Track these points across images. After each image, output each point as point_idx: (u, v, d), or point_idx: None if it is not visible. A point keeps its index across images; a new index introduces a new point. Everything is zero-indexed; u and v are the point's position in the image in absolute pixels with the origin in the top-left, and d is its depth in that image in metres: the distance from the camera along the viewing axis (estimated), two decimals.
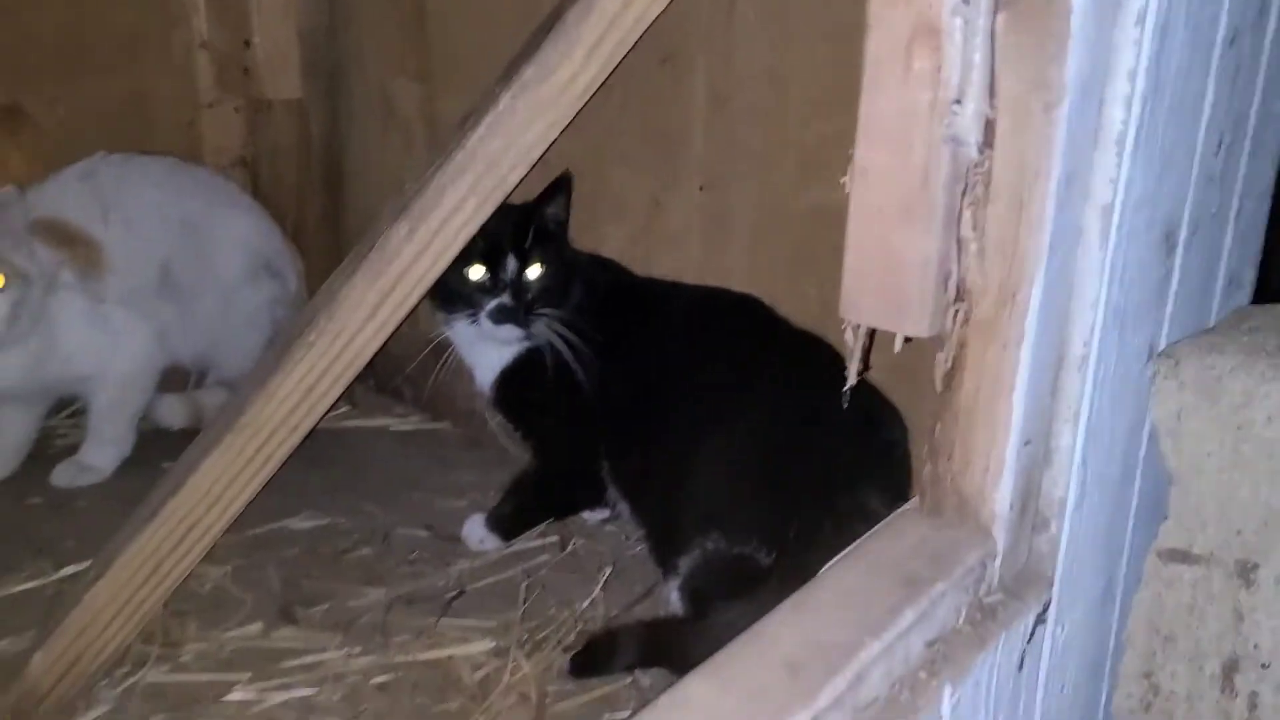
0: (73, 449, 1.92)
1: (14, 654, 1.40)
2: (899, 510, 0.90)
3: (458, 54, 1.93)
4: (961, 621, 0.81)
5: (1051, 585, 0.89)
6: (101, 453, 1.89)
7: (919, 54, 0.78)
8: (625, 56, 1.69)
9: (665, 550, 1.44)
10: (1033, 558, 0.89)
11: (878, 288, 0.85)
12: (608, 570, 1.58)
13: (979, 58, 0.73)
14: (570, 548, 1.69)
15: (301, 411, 1.25)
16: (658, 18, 1.23)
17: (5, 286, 1.63)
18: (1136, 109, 0.79)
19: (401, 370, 2.07)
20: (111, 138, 1.97)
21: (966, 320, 0.82)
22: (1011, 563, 0.87)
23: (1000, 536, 0.84)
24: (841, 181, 0.86)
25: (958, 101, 0.74)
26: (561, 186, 1.61)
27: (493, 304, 1.54)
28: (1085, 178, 0.80)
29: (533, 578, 1.62)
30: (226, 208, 2.03)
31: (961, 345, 0.83)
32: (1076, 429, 0.86)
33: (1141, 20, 0.77)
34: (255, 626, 1.49)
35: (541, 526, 1.73)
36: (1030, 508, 0.87)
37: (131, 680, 1.37)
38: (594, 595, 1.53)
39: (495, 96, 1.21)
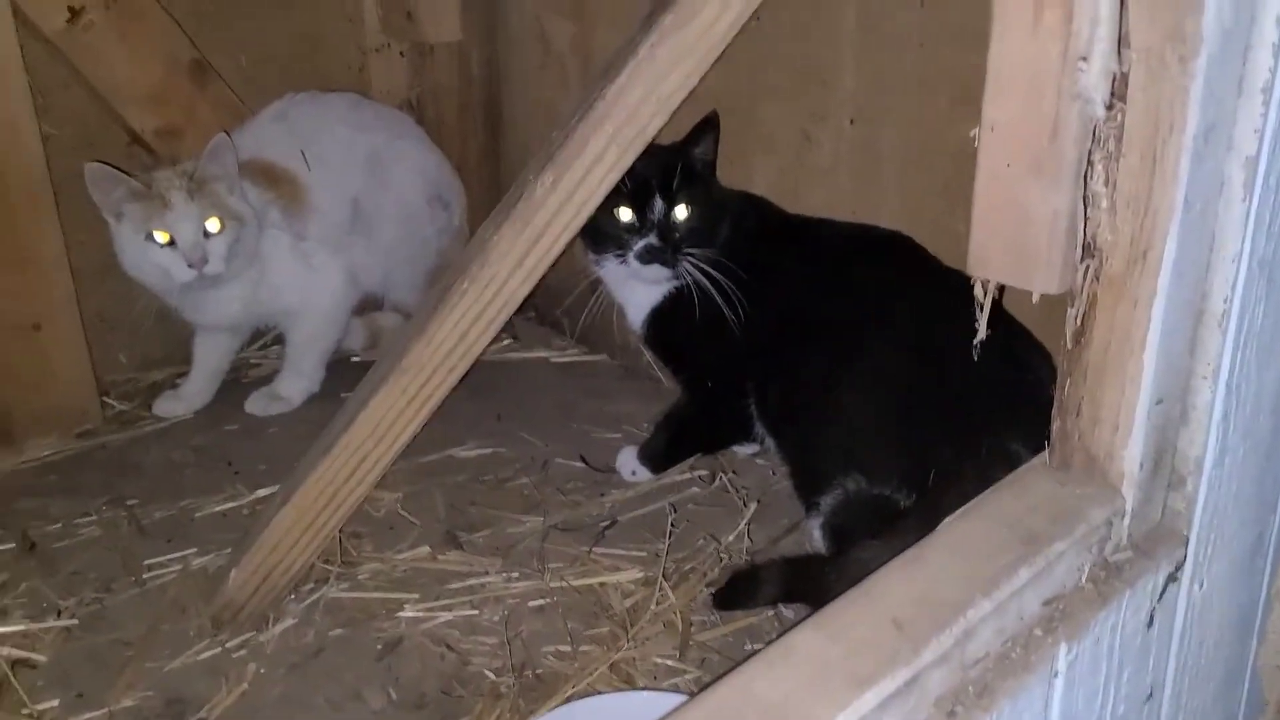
0: (265, 379, 2.07)
1: (214, 568, 1.55)
2: (1027, 464, 0.89)
3: None
4: (1084, 580, 0.81)
5: (1187, 543, 0.87)
6: (293, 385, 2.03)
7: (1049, 6, 0.76)
8: None
9: (808, 488, 1.47)
10: (1167, 515, 0.88)
11: (1006, 243, 0.84)
12: (754, 506, 1.62)
13: (1105, 11, 0.70)
14: (719, 481, 1.74)
15: (457, 354, 1.32)
16: None
17: (223, 229, 1.76)
18: None
19: (561, 304, 2.14)
20: (287, 83, 2.07)
21: (1096, 277, 0.80)
22: (1142, 521, 0.85)
23: (1129, 495, 0.83)
24: (971, 134, 0.85)
25: (1084, 59, 0.72)
26: (709, 127, 1.62)
27: (640, 244, 1.57)
28: (1228, 128, 0.77)
29: (681, 510, 1.67)
30: (405, 140, 2.10)
31: (1091, 302, 0.81)
32: (1216, 386, 0.84)
33: None
34: (424, 549, 1.60)
35: (692, 460, 1.78)
36: (1164, 466, 0.86)
37: (315, 596, 1.50)
38: (739, 529, 1.57)
39: (635, 45, 1.23)
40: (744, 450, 1.80)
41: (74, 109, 1.88)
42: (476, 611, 1.48)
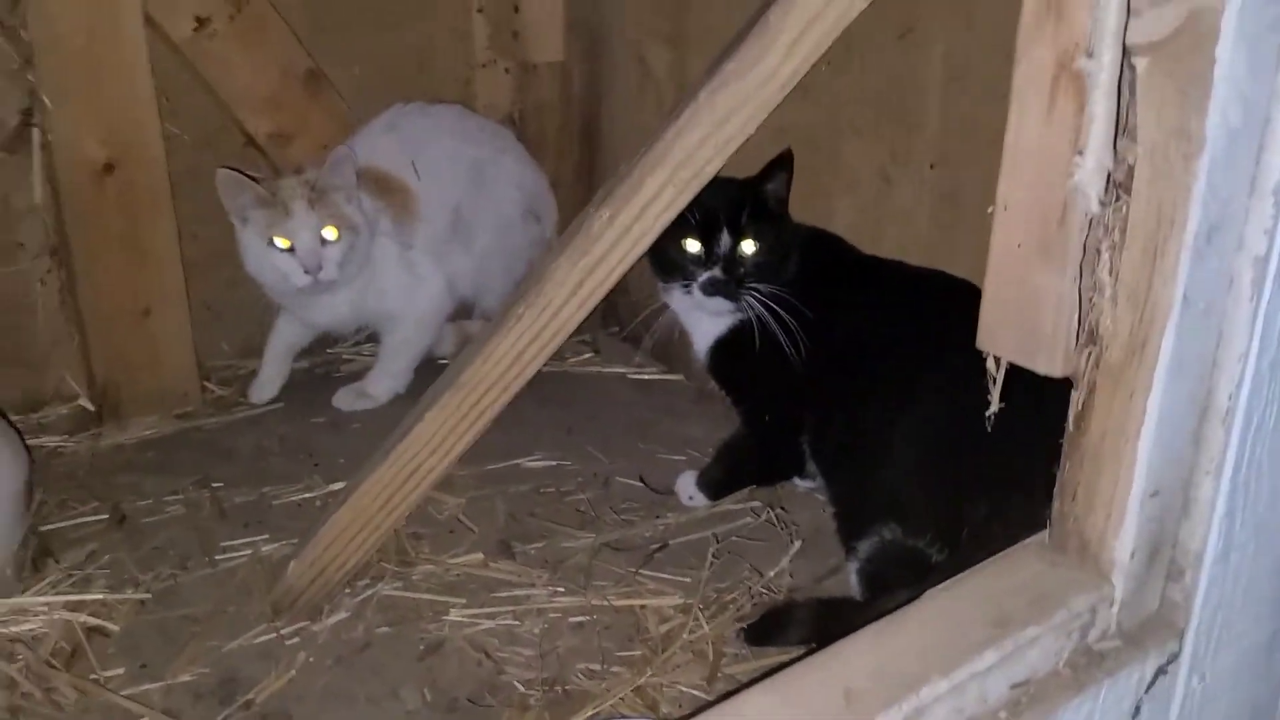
0: (356, 376, 2.17)
1: (281, 556, 1.64)
2: (1025, 541, 0.90)
3: (708, 20, 1.97)
4: (1061, 665, 0.81)
5: (1183, 635, 0.86)
6: (382, 384, 2.11)
7: (1063, 93, 0.76)
8: (865, 28, 1.70)
9: (848, 531, 1.48)
10: (1165, 607, 0.87)
11: (1015, 322, 0.85)
12: (798, 544, 1.63)
13: (1100, 109, 0.71)
14: (773, 514, 1.75)
15: (512, 374, 1.37)
16: None
17: (339, 237, 1.84)
18: None
19: (644, 321, 2.18)
20: (397, 94, 2.16)
21: (1097, 364, 0.80)
22: (1135, 610, 0.85)
23: (1119, 583, 0.83)
24: (989, 211, 0.86)
25: (1080, 153, 0.72)
26: (782, 164, 1.63)
27: (705, 276, 1.60)
28: (1237, 227, 0.76)
29: (728, 540, 1.69)
30: (506, 154, 2.18)
31: (1091, 389, 0.81)
32: (1219, 482, 0.83)
33: None
34: (478, 555, 1.66)
35: (749, 490, 1.80)
36: (1161, 557, 0.85)
37: (369, 592, 1.57)
38: (781, 565, 1.58)
39: (696, 91, 1.26)
40: (804, 484, 1.80)
41: (195, 111, 2.00)
42: (518, 622, 1.53)
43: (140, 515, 1.76)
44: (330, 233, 1.83)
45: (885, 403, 1.47)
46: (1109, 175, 0.73)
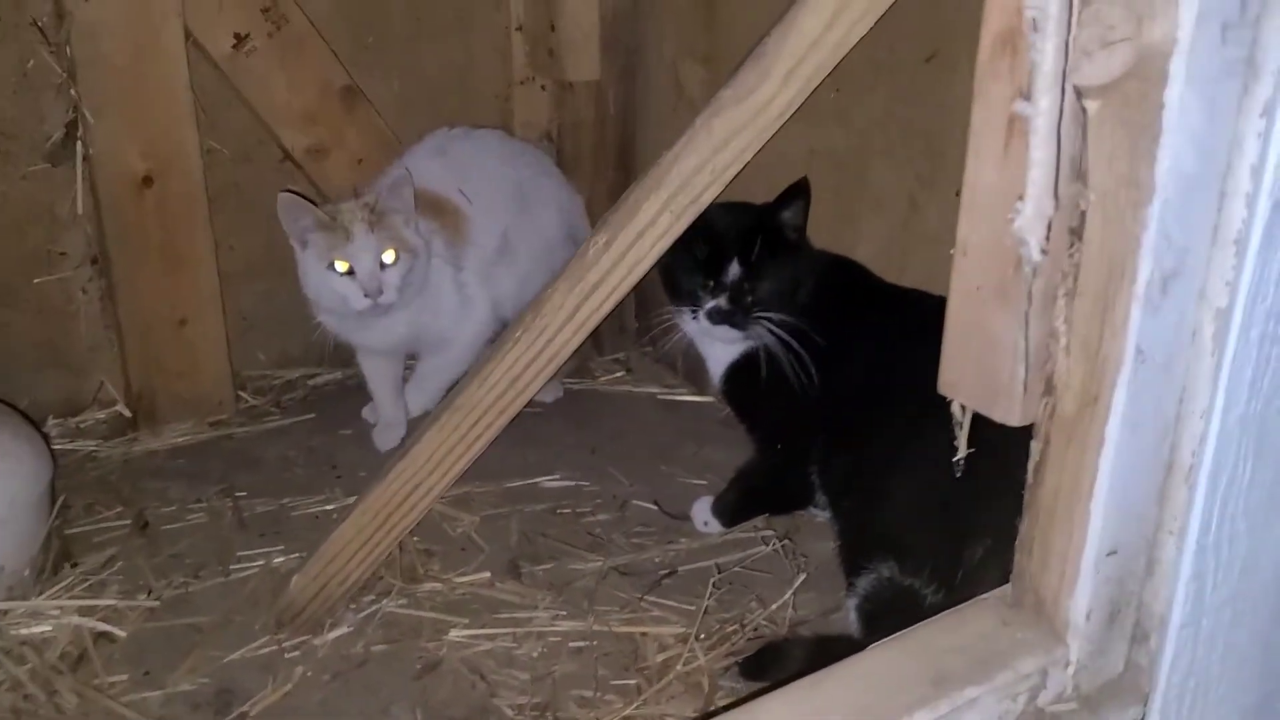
0: None
1: (290, 568, 1.66)
2: (986, 595, 0.86)
3: (744, 39, 1.93)
4: None
5: (1147, 699, 0.82)
6: (414, 400, 2.11)
7: (1016, 135, 0.74)
8: (891, 52, 1.67)
9: (849, 566, 1.44)
10: (1130, 670, 0.83)
11: (974, 368, 0.82)
12: (802, 577, 1.60)
13: (1040, 155, 0.68)
14: (786, 544, 1.72)
15: (508, 398, 1.37)
16: (907, 16, 1.20)
17: (397, 260, 1.81)
18: (1264, 207, 0.70)
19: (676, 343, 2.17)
20: (435, 110, 2.19)
21: (1052, 416, 0.77)
22: (1094, 673, 0.81)
23: (1074, 644, 0.79)
24: (951, 252, 0.83)
25: (1020, 198, 0.69)
26: (798, 192, 1.61)
27: (711, 304, 1.58)
28: (1197, 279, 0.72)
29: (737, 570, 1.67)
30: (546, 177, 2.17)
31: (1046, 441, 0.78)
32: (1184, 543, 0.78)
33: (1269, 112, 0.68)
34: (485, 575, 1.66)
35: (764, 518, 1.77)
36: (1124, 619, 0.81)
37: (373, 609, 1.58)
38: (784, 599, 1.55)
39: (695, 117, 1.25)
40: (822, 515, 1.77)
41: (234, 126, 2.04)
42: (517, 645, 1.52)
43: (163, 522, 1.79)
44: (389, 256, 1.81)
45: (891, 437, 1.43)
46: (1049, 223, 0.70)
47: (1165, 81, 0.65)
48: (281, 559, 1.69)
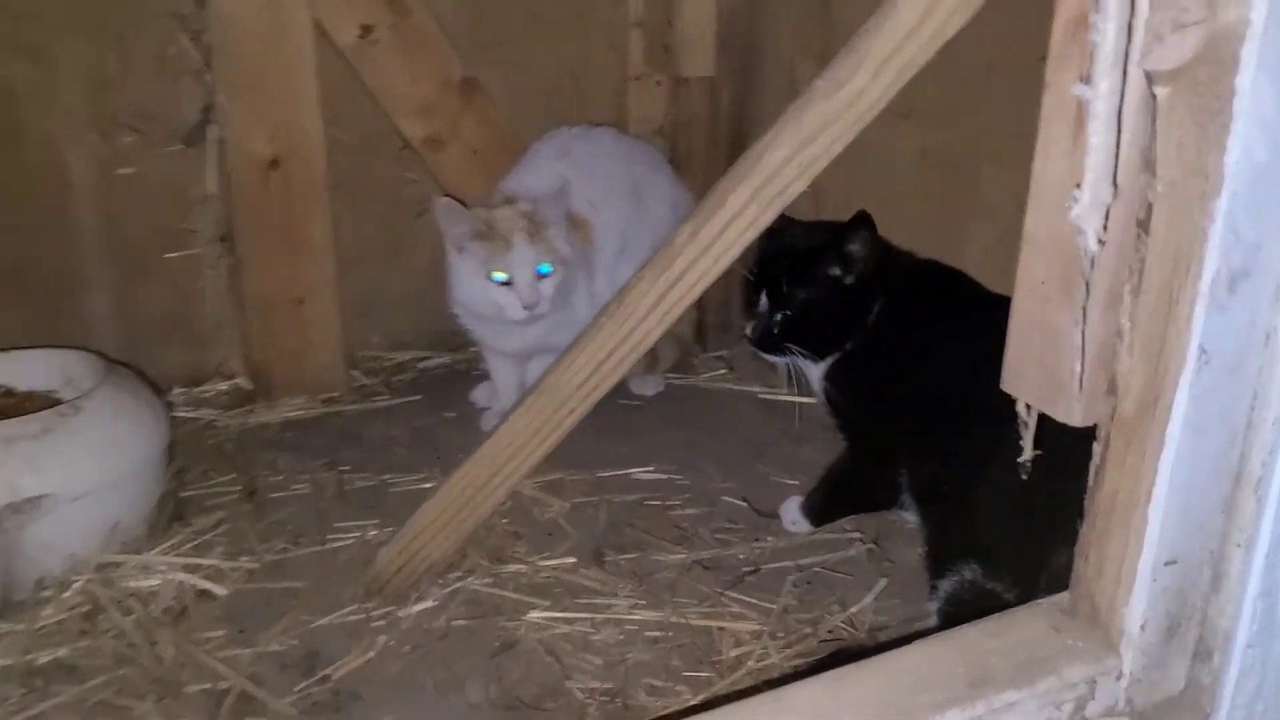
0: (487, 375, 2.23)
1: (381, 542, 1.70)
2: (1042, 600, 0.84)
3: None
4: None
5: (1208, 718, 0.78)
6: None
7: (1083, 122, 0.71)
8: (1003, 52, 1.63)
9: (933, 568, 1.42)
10: (1190, 689, 0.79)
11: (1037, 365, 0.80)
12: (883, 582, 1.57)
13: (1098, 141, 0.65)
14: (873, 548, 1.69)
15: (591, 384, 1.38)
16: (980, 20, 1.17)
17: (554, 271, 1.84)
18: None
19: None
20: (551, 104, 2.23)
21: (1113, 417, 0.74)
22: (1150, 688, 0.78)
23: (1128, 656, 0.76)
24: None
25: (1078, 185, 0.67)
26: (863, 224, 1.60)
27: (747, 328, 1.61)
28: (1272, 278, 0.68)
29: (817, 570, 1.65)
30: (658, 173, 2.17)
31: (1107, 443, 0.75)
32: (1252, 556, 0.74)
33: None
34: (569, 560, 1.68)
35: (855, 519, 1.75)
36: (1185, 633, 0.77)
37: (458, 585, 1.62)
38: (864, 603, 1.53)
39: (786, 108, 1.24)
40: (912, 519, 1.73)
41: (356, 114, 2.12)
42: (594, 630, 1.54)
43: (269, 490, 1.87)
44: (546, 266, 1.82)
45: (978, 440, 1.39)
46: (1107, 211, 0.67)
47: (1237, 67, 0.62)
48: (375, 532, 1.75)
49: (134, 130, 1.98)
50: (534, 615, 1.57)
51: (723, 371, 2.31)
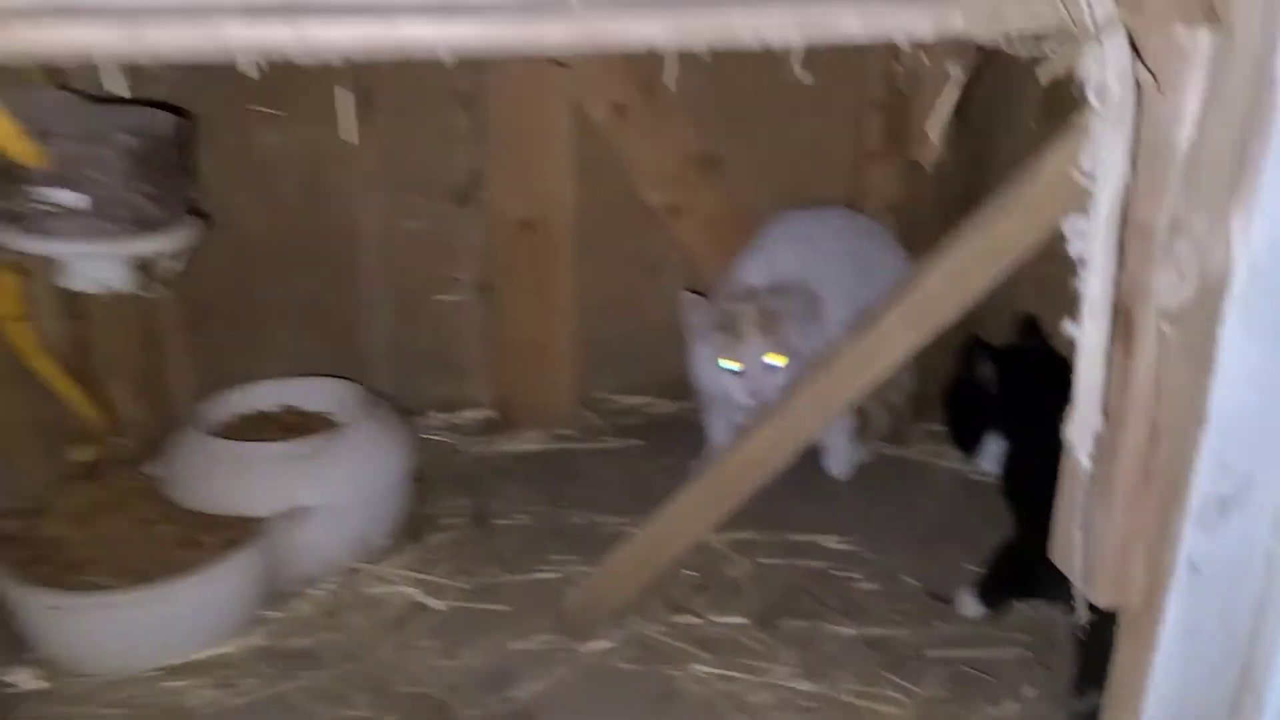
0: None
1: (581, 576, 1.89)
2: None
3: None
4: None
5: None
6: None
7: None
8: None
9: (1086, 676, 1.43)
10: None
11: (1080, 548, 0.86)
12: (1035, 692, 1.59)
13: (1088, 375, 0.72)
14: (1042, 641, 1.71)
15: (753, 471, 1.52)
16: None
17: (783, 364, 1.97)
18: None
19: None
20: (787, 180, 2.35)
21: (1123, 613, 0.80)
22: None
23: None
24: None
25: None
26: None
27: None
28: (1270, 503, 0.73)
29: (975, 665, 1.69)
30: (886, 252, 2.24)
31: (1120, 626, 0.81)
32: None
33: None
34: (740, 620, 1.81)
35: (1028, 620, 1.77)
36: None
37: (635, 630, 1.78)
38: (1009, 708, 1.56)
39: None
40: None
41: (607, 182, 2.32)
42: (750, 692, 1.66)
43: (495, 516, 2.11)
44: (776, 360, 1.94)
45: None
46: (1095, 437, 0.74)
47: (1220, 318, 0.68)
48: (579, 568, 1.94)
49: (416, 190, 2.28)
50: (697, 668, 1.71)
51: (932, 445, 2.35)
